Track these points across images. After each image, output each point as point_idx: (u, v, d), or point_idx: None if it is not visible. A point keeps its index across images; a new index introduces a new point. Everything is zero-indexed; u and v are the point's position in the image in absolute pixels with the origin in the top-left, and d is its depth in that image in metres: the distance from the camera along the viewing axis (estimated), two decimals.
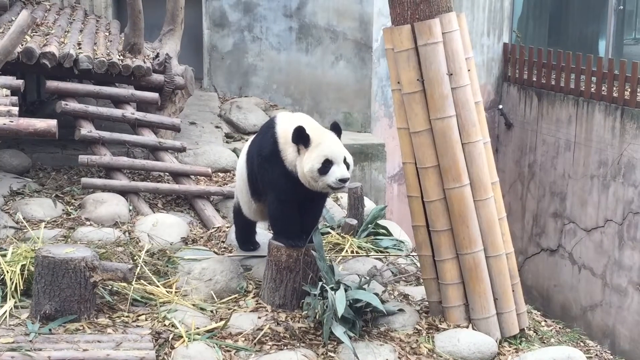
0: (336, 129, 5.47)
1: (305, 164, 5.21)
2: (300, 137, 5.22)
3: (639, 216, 10.16)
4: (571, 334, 6.22)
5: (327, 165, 5.18)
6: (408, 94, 5.48)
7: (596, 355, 5.79)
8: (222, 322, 5.23)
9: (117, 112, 7.87)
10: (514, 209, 12.38)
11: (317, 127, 5.39)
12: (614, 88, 10.64)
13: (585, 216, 11.10)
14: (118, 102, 8.02)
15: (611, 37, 12.50)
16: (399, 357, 5.13)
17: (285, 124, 5.41)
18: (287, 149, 5.33)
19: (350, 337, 5.09)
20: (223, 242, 6.78)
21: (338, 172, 5.18)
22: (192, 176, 7.77)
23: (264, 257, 5.76)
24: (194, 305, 5.49)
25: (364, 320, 5.42)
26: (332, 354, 5.06)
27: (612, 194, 10.60)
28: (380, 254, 6.77)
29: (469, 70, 5.51)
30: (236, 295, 5.72)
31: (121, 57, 8.12)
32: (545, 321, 6.36)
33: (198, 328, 5.14)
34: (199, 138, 9.06)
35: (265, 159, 5.44)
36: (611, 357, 5.92)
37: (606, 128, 10.67)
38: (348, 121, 10.34)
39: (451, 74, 5.41)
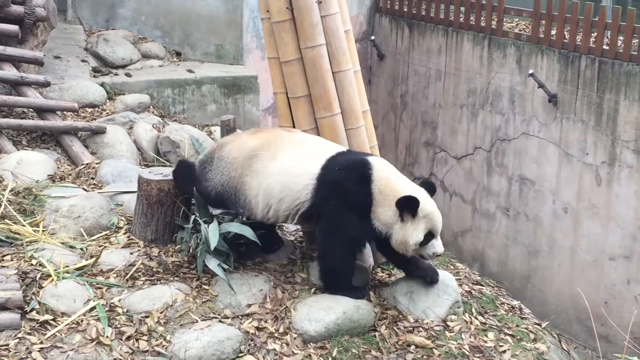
0: (430, 187, 5.14)
1: (411, 235, 4.89)
2: (413, 209, 4.85)
3: (506, 143, 10.48)
4: (442, 258, 6.38)
5: (428, 237, 4.94)
6: (277, 22, 5.41)
7: (465, 277, 5.97)
8: (93, 260, 5.11)
9: None
10: (387, 139, 12.56)
11: (419, 190, 5.01)
12: (482, 18, 10.83)
13: (455, 144, 11.37)
14: None
15: None
16: (274, 287, 5.14)
17: (384, 183, 4.93)
18: (382, 211, 4.90)
19: (224, 270, 5.07)
20: (93, 178, 6.61)
21: (438, 247, 4.99)
22: (58, 112, 7.50)
23: (135, 193, 5.64)
24: (62, 243, 5.33)
25: (239, 252, 5.40)
26: (206, 287, 5.03)
27: (481, 122, 10.88)
28: None
29: None
30: (107, 232, 5.60)
31: None
32: None
33: (67, 266, 5.01)
34: (64, 72, 8.73)
35: (350, 209, 4.92)
36: (479, 278, 6.12)
37: (474, 57, 10.88)
38: (220, 53, 10.18)
39: (320, 2, 5.36)
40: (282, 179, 4.97)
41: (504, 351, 5.08)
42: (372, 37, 12.66)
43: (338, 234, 4.95)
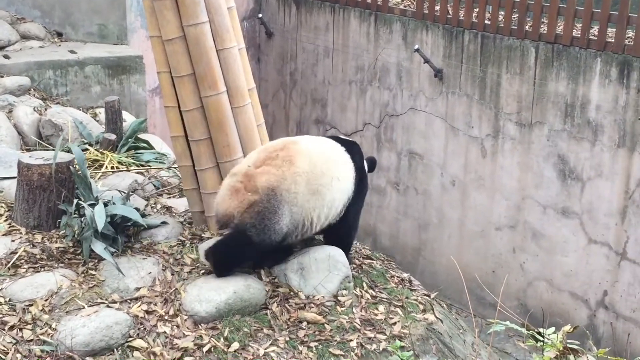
0: None
1: None
2: None
3: (394, 118, 10.61)
4: None
5: None
6: (158, 0, 5.29)
7: (355, 251, 6.02)
8: None
9: None
10: (277, 117, 12.53)
11: None
12: None
13: (345, 121, 11.44)
14: None
15: None
16: (163, 269, 5.07)
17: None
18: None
19: (112, 253, 4.97)
20: None
21: None
22: None
23: (15, 178, 5.45)
24: None
25: (127, 235, 5.31)
26: (93, 272, 4.92)
27: (370, 98, 10.97)
28: (141, 167, 6.64)
29: None
30: None
31: None
32: None
33: None
34: None
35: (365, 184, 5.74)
36: (369, 252, 6.18)
37: (361, 34, 10.95)
38: (103, 33, 9.92)
39: None
40: (337, 184, 5.31)
41: (395, 323, 5.16)
42: (260, 15, 12.58)
43: (360, 208, 5.73)
